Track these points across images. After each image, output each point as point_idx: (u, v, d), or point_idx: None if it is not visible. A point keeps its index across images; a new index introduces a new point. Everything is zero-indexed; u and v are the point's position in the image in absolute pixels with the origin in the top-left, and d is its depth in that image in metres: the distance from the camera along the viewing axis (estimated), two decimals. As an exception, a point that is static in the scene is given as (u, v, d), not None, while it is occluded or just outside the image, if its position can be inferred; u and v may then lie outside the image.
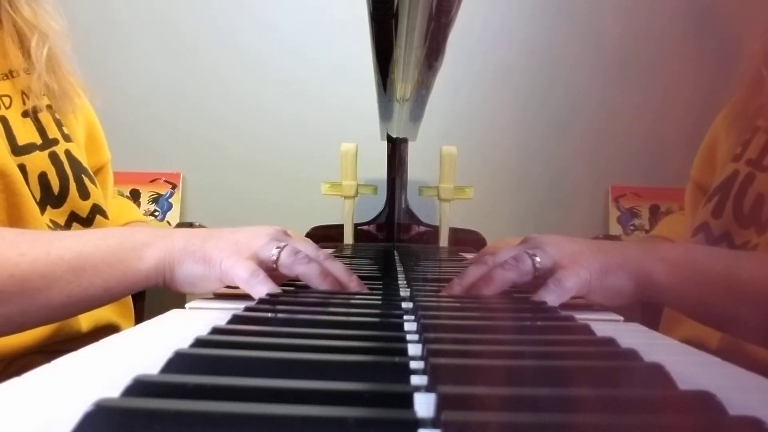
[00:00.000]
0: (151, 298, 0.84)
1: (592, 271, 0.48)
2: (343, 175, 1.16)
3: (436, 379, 0.26)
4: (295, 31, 1.46)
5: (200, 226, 0.79)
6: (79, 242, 0.48)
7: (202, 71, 1.45)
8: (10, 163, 0.61)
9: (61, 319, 0.50)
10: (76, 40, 0.73)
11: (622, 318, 0.49)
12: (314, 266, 0.51)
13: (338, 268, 0.53)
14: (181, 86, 1.45)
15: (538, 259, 0.49)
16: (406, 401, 0.23)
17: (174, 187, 1.46)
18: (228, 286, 0.52)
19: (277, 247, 0.51)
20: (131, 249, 0.49)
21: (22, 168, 0.63)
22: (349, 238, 1.18)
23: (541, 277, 0.50)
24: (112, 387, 0.23)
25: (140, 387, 0.23)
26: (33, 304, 0.45)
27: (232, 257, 0.50)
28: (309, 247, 0.53)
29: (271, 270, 0.51)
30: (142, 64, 1.44)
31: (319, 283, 0.50)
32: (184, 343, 0.30)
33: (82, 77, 0.76)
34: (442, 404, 0.22)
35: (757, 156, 0.63)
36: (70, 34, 0.73)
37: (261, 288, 0.48)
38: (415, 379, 0.27)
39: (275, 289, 0.48)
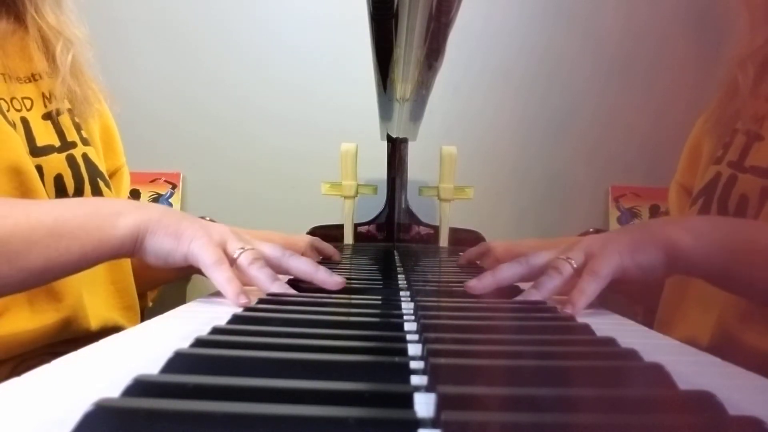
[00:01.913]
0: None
1: (622, 252, 0.49)
2: (343, 175, 1.16)
3: (436, 379, 0.26)
4: (295, 31, 1.46)
5: (211, 221, 0.79)
6: (57, 208, 0.49)
7: (203, 71, 1.45)
8: (27, 161, 0.61)
9: (38, 284, 0.51)
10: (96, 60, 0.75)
11: (624, 319, 0.49)
12: (265, 272, 0.52)
13: (301, 265, 0.54)
14: (181, 86, 1.45)
15: (573, 261, 0.51)
16: (406, 401, 0.23)
17: (174, 187, 1.46)
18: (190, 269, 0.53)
19: (242, 247, 0.53)
20: (107, 216, 0.50)
21: (39, 169, 0.63)
22: (349, 238, 1.17)
23: (579, 274, 0.51)
24: (112, 387, 0.23)
25: (140, 387, 0.23)
26: (12, 268, 0.46)
27: (203, 239, 0.51)
28: (273, 250, 0.54)
29: (231, 264, 0.53)
30: (141, 64, 1.44)
31: (268, 287, 0.51)
32: (184, 343, 0.30)
33: (104, 84, 0.77)
34: (442, 404, 0.22)
35: (738, 158, 0.64)
36: (93, 42, 0.74)
37: (219, 275, 0.49)
38: (415, 379, 0.27)
39: (234, 279, 0.49)
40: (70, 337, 0.63)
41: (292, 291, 0.52)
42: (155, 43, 1.45)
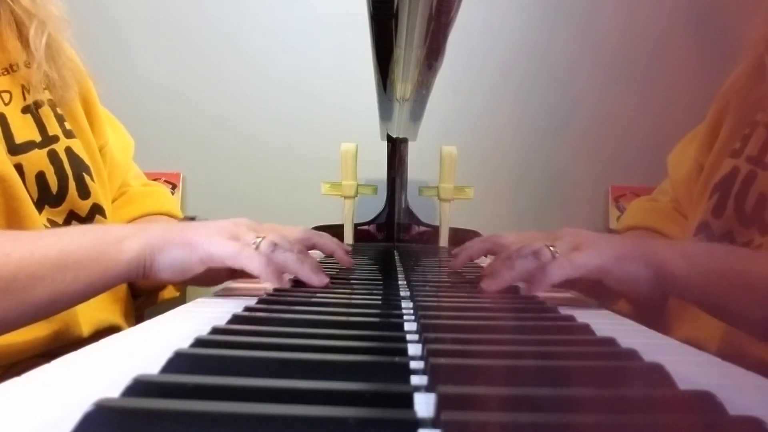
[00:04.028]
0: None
1: (609, 255, 0.49)
2: (343, 175, 1.16)
3: (436, 379, 0.26)
4: (295, 31, 1.46)
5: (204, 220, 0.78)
6: (61, 240, 0.49)
7: (203, 71, 1.45)
8: (9, 167, 0.59)
9: (47, 316, 0.50)
10: (76, 38, 0.72)
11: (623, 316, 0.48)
12: (290, 255, 0.53)
13: (288, 259, 0.54)
14: (181, 86, 1.45)
15: (555, 249, 0.51)
16: (406, 401, 0.23)
17: (174, 187, 1.46)
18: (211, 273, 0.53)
19: (257, 236, 0.53)
20: (112, 242, 0.50)
21: (19, 167, 0.61)
22: (349, 238, 1.17)
23: None
24: (112, 387, 0.23)
25: (140, 387, 0.23)
26: (20, 304, 0.46)
27: (215, 237, 0.51)
28: (284, 241, 0.55)
29: None
30: (142, 64, 1.44)
31: (297, 269, 0.52)
32: (184, 343, 0.30)
33: (87, 63, 0.74)
34: (442, 404, 0.22)
35: (757, 153, 0.62)
36: (70, 19, 0.70)
37: (251, 261, 0.50)
38: (415, 379, 0.27)
39: (270, 261, 0.50)
40: (61, 345, 0.62)
41: (324, 278, 0.53)
42: (155, 43, 1.45)
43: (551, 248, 0.51)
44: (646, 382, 0.27)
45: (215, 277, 0.59)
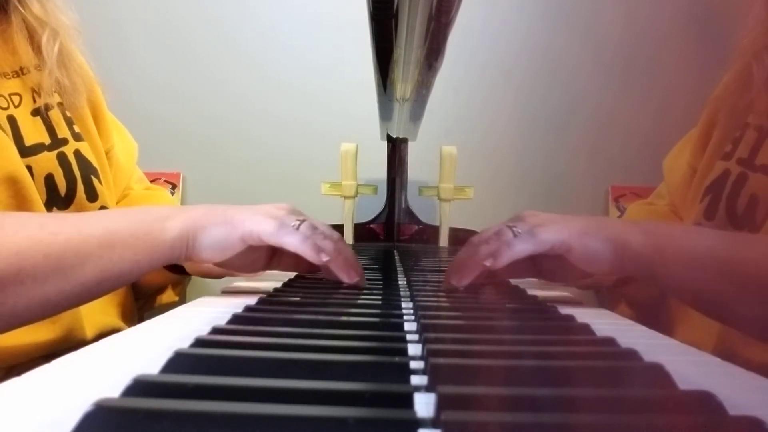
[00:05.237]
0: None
1: (571, 231, 0.49)
2: (343, 175, 1.16)
3: (436, 379, 0.26)
4: (295, 31, 1.46)
5: None
6: (104, 219, 0.49)
7: (203, 71, 1.45)
8: (22, 168, 0.60)
9: (93, 298, 0.50)
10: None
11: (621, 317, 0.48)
12: (329, 243, 0.53)
13: (349, 254, 0.54)
14: (181, 86, 1.45)
15: (517, 228, 0.51)
16: (406, 401, 0.23)
17: (174, 187, 1.46)
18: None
19: (297, 219, 0.53)
20: (155, 221, 0.50)
21: (29, 169, 0.61)
22: (349, 238, 1.17)
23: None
24: (112, 387, 0.23)
25: (140, 387, 0.23)
26: (68, 283, 0.45)
27: (256, 216, 0.52)
28: (325, 227, 0.55)
29: None
30: (141, 64, 1.44)
31: (334, 258, 0.52)
32: (184, 343, 0.30)
33: (96, 70, 0.75)
34: (442, 404, 0.22)
35: (748, 155, 0.62)
36: (80, 28, 0.72)
37: (290, 238, 0.50)
38: (415, 379, 0.27)
39: (309, 238, 0.50)
40: (65, 348, 0.62)
41: (354, 276, 0.53)
42: (155, 43, 1.44)
43: (513, 228, 0.51)
44: (646, 382, 0.27)
45: (254, 262, 0.57)
